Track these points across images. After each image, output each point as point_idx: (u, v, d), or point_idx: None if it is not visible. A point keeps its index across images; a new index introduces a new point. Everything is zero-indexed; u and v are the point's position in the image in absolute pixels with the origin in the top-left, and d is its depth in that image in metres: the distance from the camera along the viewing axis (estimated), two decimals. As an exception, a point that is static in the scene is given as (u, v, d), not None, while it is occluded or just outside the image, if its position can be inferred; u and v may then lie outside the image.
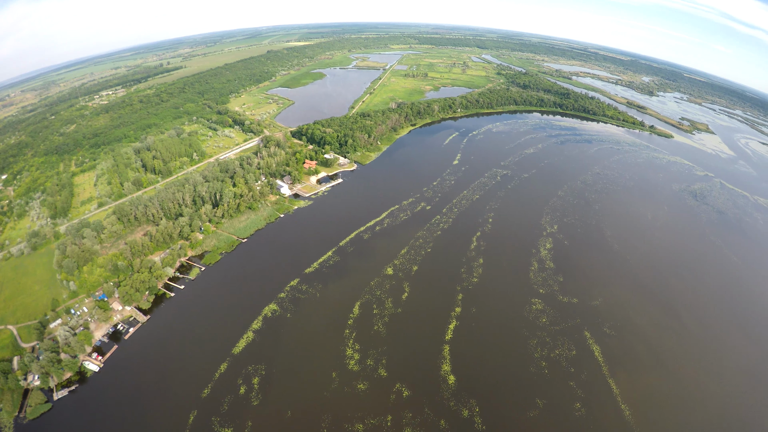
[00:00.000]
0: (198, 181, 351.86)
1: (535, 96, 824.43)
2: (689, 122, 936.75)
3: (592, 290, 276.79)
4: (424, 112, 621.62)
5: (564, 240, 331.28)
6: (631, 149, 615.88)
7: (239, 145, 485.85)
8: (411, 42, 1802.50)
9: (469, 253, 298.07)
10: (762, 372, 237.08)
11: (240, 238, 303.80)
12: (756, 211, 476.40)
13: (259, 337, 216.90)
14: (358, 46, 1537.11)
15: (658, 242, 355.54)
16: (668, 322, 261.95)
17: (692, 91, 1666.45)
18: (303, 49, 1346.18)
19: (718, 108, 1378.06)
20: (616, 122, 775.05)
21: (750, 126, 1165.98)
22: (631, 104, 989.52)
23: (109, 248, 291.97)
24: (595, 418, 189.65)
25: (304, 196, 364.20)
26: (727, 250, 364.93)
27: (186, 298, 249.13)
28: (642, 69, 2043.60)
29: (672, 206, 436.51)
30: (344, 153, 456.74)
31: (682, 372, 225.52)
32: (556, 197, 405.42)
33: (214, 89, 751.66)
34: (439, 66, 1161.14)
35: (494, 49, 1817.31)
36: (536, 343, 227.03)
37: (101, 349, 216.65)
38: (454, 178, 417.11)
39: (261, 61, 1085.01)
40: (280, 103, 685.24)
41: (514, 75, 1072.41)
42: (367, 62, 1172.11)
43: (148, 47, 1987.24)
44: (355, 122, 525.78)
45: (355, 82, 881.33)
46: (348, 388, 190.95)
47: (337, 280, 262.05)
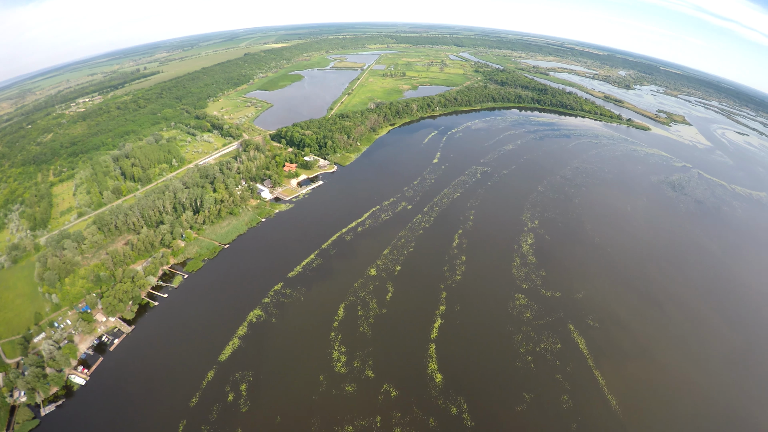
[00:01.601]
0: (178, 187, 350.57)
1: (512, 92, 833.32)
2: (666, 114, 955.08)
3: (574, 283, 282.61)
4: (403, 111, 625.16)
5: (545, 235, 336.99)
6: (609, 143, 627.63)
7: (218, 149, 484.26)
8: (388, 41, 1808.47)
9: (451, 251, 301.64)
10: (744, 357, 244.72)
11: (222, 244, 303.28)
12: (734, 199, 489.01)
13: (245, 343, 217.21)
14: (335, 47, 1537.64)
15: (638, 234, 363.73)
16: (651, 312, 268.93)
17: (668, 83, 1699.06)
18: (280, 51, 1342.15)
19: (694, 99, 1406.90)
20: (593, 116, 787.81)
21: (726, 116, 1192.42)
22: (608, 98, 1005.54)
23: (90, 259, 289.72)
24: (582, 410, 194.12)
25: (285, 200, 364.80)
26: (706, 239, 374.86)
27: (170, 306, 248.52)
28: (618, 63, 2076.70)
29: (651, 198, 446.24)
30: (324, 155, 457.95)
31: (666, 361, 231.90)
32: (536, 192, 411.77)
33: (192, 94, 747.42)
34: (416, 65, 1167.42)
35: (471, 47, 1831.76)
36: (521, 338, 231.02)
37: (87, 361, 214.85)
38: (435, 176, 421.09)
39: (238, 64, 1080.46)
40: (258, 106, 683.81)
41: (491, 72, 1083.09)
42: (345, 63, 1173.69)
43: (124, 52, 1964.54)
44: (334, 123, 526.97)
45: (333, 83, 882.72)
46: (336, 391, 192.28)
47: (320, 282, 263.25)
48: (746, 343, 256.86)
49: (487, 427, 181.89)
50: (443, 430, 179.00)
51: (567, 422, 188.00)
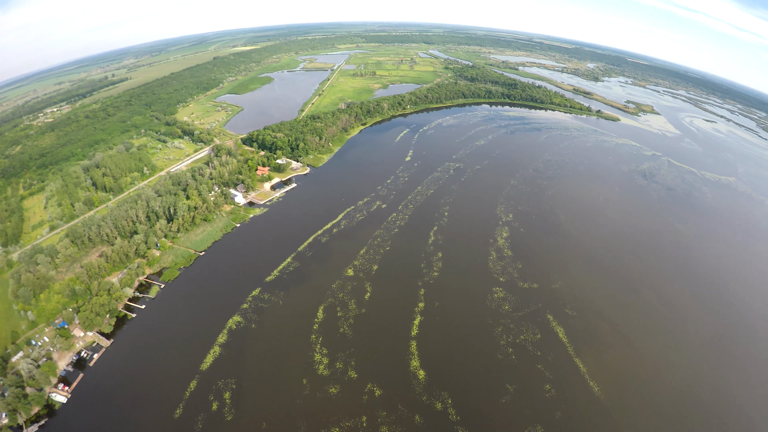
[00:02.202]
0: (150, 196, 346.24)
1: (483, 88, 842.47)
2: (635, 105, 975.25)
3: (551, 274, 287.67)
4: (374, 110, 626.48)
5: (520, 228, 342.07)
6: (579, 134, 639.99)
7: (190, 156, 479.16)
8: (358, 41, 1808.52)
9: (427, 248, 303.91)
10: (721, 339, 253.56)
11: (197, 252, 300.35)
12: (704, 185, 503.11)
13: (226, 351, 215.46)
14: (305, 48, 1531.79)
15: (611, 223, 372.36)
16: (628, 299, 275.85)
17: (636, 74, 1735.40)
18: (249, 53, 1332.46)
19: (662, 89, 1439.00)
20: (563, 109, 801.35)
21: (694, 105, 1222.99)
22: (577, 91, 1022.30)
23: (65, 273, 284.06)
24: (565, 398, 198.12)
25: (259, 204, 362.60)
26: (679, 225, 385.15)
27: (148, 317, 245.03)
28: (586, 56, 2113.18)
29: (623, 187, 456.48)
30: (296, 157, 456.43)
31: (645, 346, 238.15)
32: (509, 186, 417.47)
33: (162, 100, 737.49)
34: (386, 64, 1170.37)
35: (441, 44, 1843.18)
36: (501, 330, 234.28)
37: (67, 379, 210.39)
38: (408, 174, 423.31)
39: (207, 68, 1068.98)
40: (228, 111, 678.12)
41: (461, 68, 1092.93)
42: (315, 64, 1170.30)
43: (92, 60, 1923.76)
44: (305, 125, 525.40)
45: (304, 84, 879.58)
46: (320, 393, 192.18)
47: (298, 285, 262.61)
48: (723, 326, 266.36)
49: (473, 421, 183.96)
50: (429, 426, 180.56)
51: (551, 411, 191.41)
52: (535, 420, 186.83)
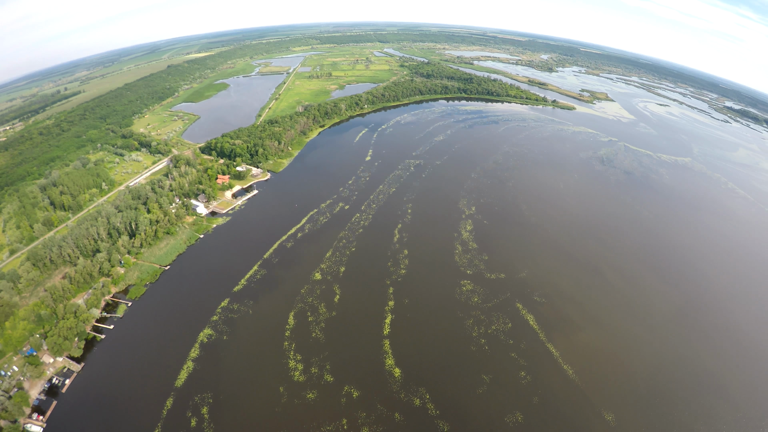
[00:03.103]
0: (111, 212, 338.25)
1: (439, 84, 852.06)
2: (589, 93, 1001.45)
3: (517, 264, 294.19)
4: (332, 111, 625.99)
5: (483, 220, 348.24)
6: (536, 125, 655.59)
7: (148, 168, 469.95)
8: (313, 43, 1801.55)
9: (393, 247, 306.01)
10: (686, 311, 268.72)
11: (162, 266, 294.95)
12: (660, 167, 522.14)
13: (200, 365, 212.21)
14: (259, 52, 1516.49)
15: (573, 209, 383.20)
16: (593, 282, 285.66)
17: (589, 63, 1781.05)
18: (204, 60, 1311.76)
19: (615, 77, 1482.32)
20: (519, 101, 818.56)
21: (647, 90, 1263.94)
22: (532, 82, 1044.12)
23: (28, 298, 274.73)
24: (541, 383, 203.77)
25: (221, 213, 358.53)
26: (638, 207, 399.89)
27: (117, 337, 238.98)
28: (540, 48, 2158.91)
29: (582, 173, 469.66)
30: (256, 163, 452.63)
31: (614, 325, 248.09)
32: (470, 180, 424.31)
33: (117, 112, 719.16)
34: (342, 64, 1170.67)
35: (396, 42, 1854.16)
36: (472, 322, 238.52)
37: (41, 407, 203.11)
38: (369, 174, 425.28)
39: (162, 77, 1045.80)
40: (185, 120, 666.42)
41: (417, 66, 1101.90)
42: (270, 67, 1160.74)
43: (42, 73, 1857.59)
44: (263, 130, 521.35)
45: (260, 88, 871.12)
46: (298, 400, 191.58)
47: (267, 293, 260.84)
48: (687, 299, 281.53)
49: (452, 414, 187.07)
50: (409, 422, 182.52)
51: (528, 397, 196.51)
52: (514, 407, 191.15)
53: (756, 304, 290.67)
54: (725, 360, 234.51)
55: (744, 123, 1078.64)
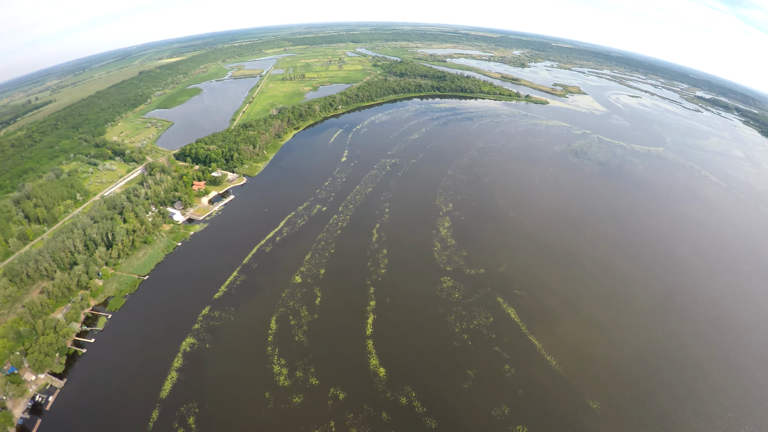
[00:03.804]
0: (86, 223, 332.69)
1: (412, 83, 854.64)
2: (562, 87, 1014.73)
3: (496, 258, 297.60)
4: (306, 113, 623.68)
5: (461, 216, 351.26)
6: (510, 120, 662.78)
7: (123, 177, 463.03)
8: (285, 44, 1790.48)
9: (372, 246, 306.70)
10: (665, 298, 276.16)
11: (141, 276, 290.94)
12: (634, 157, 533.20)
13: (184, 375, 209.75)
14: (232, 55, 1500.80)
15: (549, 202, 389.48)
16: (572, 273, 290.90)
17: (561, 58, 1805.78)
18: (176, 65, 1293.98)
19: (587, 70, 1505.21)
20: (493, 97, 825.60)
21: (618, 83, 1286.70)
22: (505, 78, 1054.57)
23: (7, 315, 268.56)
24: (525, 375, 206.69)
25: (198, 220, 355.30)
26: (613, 197, 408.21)
27: (99, 351, 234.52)
28: (512, 44, 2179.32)
29: (557, 167, 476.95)
30: (232, 168, 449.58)
31: (595, 315, 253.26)
32: (446, 177, 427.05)
33: (89, 121, 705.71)
34: (315, 65, 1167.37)
35: (368, 42, 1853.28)
36: (454, 318, 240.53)
37: (25, 427, 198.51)
38: (345, 175, 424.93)
39: (134, 83, 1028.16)
40: (159, 126, 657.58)
41: (390, 65, 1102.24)
42: (243, 71, 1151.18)
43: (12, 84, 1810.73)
44: (238, 135, 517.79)
45: (233, 92, 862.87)
46: (284, 405, 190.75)
47: (248, 299, 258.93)
48: (665, 285, 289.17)
49: (439, 410, 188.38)
50: (397, 421, 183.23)
51: (513, 390, 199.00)
52: (500, 401, 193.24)
53: (735, 287, 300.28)
54: (707, 344, 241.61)
55: (715, 111, 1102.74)
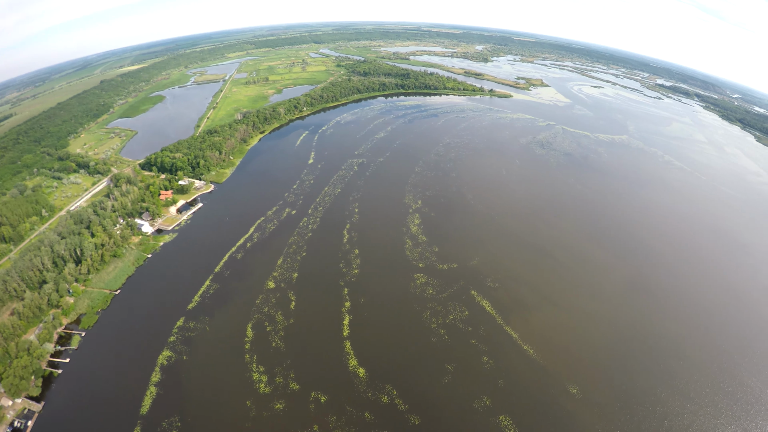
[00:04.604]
0: (54, 239, 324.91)
1: (376, 81, 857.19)
2: (525, 80, 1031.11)
3: (467, 252, 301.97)
4: (271, 117, 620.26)
5: (430, 212, 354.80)
6: (475, 115, 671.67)
7: (89, 190, 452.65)
8: (248, 48, 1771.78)
9: (343, 247, 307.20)
10: (634, 281, 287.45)
11: (113, 291, 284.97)
12: (598, 146, 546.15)
13: (163, 389, 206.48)
14: (194, 61, 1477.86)
15: (517, 194, 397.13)
16: (544, 263, 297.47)
17: (523, 52, 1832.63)
18: (138, 73, 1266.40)
19: (549, 63, 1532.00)
20: (457, 92, 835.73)
21: (580, 74, 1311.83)
22: (468, 73, 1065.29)
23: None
24: (504, 366, 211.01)
25: (167, 230, 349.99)
26: (580, 186, 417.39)
27: (75, 370, 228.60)
28: (474, 39, 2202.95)
29: (523, 159, 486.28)
30: (198, 175, 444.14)
31: (569, 302, 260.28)
32: (414, 174, 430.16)
33: (51, 134, 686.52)
34: (279, 68, 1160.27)
35: (331, 42, 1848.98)
36: (430, 314, 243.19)
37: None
38: (313, 177, 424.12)
39: (95, 93, 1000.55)
40: (122, 136, 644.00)
41: (353, 64, 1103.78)
42: (206, 76, 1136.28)
43: None
44: (203, 141, 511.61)
45: (197, 98, 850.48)
46: (267, 412, 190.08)
47: (222, 307, 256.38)
48: (634, 269, 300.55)
49: (421, 406, 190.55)
50: (380, 420, 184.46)
51: (493, 380, 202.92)
52: (480, 392, 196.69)
53: (702, 266, 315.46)
54: (679, 323, 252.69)
55: (676, 98, 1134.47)
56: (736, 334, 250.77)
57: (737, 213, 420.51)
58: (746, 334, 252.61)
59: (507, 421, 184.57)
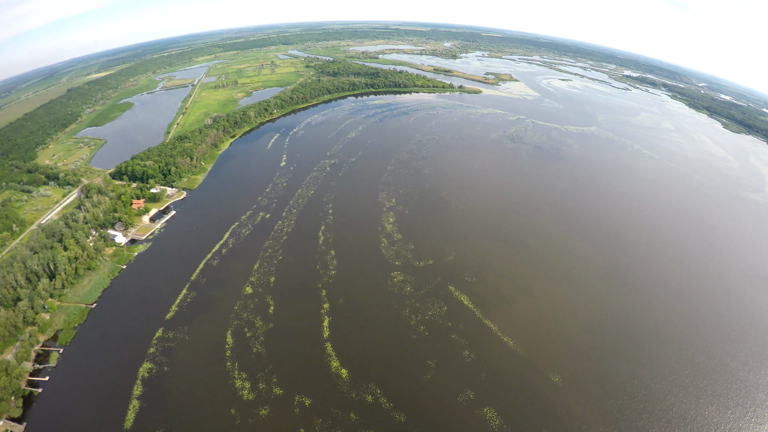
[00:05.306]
0: (26, 255, 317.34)
1: (346, 81, 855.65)
2: (494, 75, 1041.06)
3: (443, 248, 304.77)
4: (241, 120, 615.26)
5: (405, 210, 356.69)
6: (445, 111, 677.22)
7: (59, 202, 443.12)
8: (216, 51, 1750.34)
9: (319, 249, 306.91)
10: (611, 269, 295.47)
11: (88, 305, 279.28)
12: (568, 138, 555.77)
13: (146, 402, 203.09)
14: (162, 66, 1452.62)
15: (490, 188, 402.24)
16: (520, 255, 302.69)
17: (491, 47, 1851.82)
18: (105, 80, 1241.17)
19: (518, 57, 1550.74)
20: (427, 90, 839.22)
21: (548, 67, 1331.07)
22: (438, 70, 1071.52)
23: None
24: (485, 359, 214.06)
25: (141, 240, 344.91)
26: (552, 178, 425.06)
27: (55, 389, 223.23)
28: (442, 36, 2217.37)
29: (494, 153, 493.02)
30: (170, 183, 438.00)
31: (546, 293, 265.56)
32: (386, 173, 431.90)
33: (19, 146, 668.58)
34: (248, 71, 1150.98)
35: (299, 43, 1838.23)
36: (409, 311, 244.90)
37: None
38: (285, 179, 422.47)
39: (62, 102, 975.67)
40: (91, 145, 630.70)
41: (322, 65, 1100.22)
42: (175, 81, 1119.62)
43: None
44: (174, 148, 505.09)
45: (166, 104, 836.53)
46: (251, 419, 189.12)
47: (200, 316, 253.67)
48: (610, 257, 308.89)
49: (405, 403, 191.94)
50: (366, 420, 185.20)
51: (476, 373, 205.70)
52: (463, 386, 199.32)
53: (676, 251, 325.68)
54: (656, 307, 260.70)
55: (643, 89, 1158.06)
56: (710, 315, 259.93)
57: (707, 198, 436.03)
58: (720, 314, 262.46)
59: (492, 413, 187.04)
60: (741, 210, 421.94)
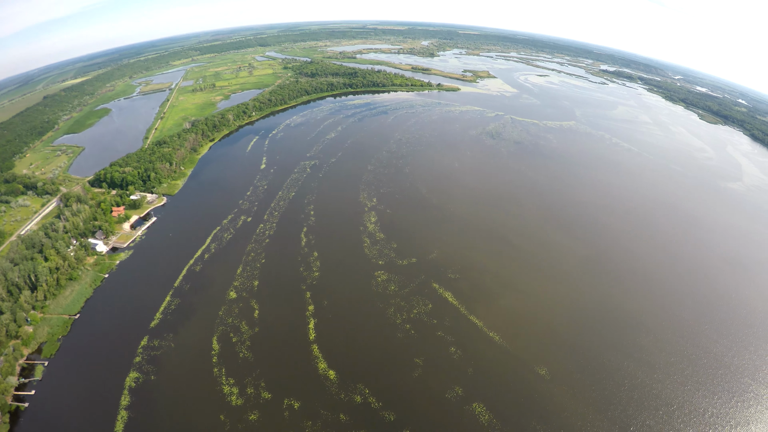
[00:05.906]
0: (6, 267, 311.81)
1: (324, 82, 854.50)
2: (472, 73, 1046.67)
3: (425, 246, 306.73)
4: (220, 123, 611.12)
5: (386, 209, 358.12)
6: (424, 109, 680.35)
7: (38, 212, 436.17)
8: (193, 54, 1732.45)
9: (302, 251, 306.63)
10: (591, 259, 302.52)
11: (72, 316, 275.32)
12: (547, 133, 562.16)
13: (134, 413, 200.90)
14: (138, 70, 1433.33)
15: (471, 185, 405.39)
16: (503, 250, 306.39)
17: (469, 45, 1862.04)
18: (81, 86, 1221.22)
19: (495, 54, 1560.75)
20: (405, 88, 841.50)
21: (526, 64, 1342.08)
22: (416, 69, 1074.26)
23: None
24: (472, 354, 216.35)
25: (122, 248, 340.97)
26: (532, 173, 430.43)
27: (41, 402, 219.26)
28: (420, 35, 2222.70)
29: (474, 150, 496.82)
30: (150, 189, 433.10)
31: (530, 286, 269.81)
32: (367, 172, 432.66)
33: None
34: (225, 73, 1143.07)
35: (277, 45, 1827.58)
36: (394, 310, 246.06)
37: None
38: (266, 182, 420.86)
39: (39, 109, 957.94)
40: (69, 153, 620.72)
41: (300, 66, 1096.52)
42: (152, 85, 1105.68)
43: None
44: (153, 153, 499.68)
45: (144, 109, 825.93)
46: (242, 424, 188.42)
47: (185, 322, 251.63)
48: (591, 249, 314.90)
49: (394, 402, 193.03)
50: (356, 420, 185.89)
51: (463, 369, 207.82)
52: (451, 382, 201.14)
53: (657, 241, 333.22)
54: (639, 297, 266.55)
55: (620, 82, 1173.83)
56: (692, 303, 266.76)
57: (686, 188, 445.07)
58: (702, 302, 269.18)
59: (481, 408, 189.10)
60: (720, 199, 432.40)
